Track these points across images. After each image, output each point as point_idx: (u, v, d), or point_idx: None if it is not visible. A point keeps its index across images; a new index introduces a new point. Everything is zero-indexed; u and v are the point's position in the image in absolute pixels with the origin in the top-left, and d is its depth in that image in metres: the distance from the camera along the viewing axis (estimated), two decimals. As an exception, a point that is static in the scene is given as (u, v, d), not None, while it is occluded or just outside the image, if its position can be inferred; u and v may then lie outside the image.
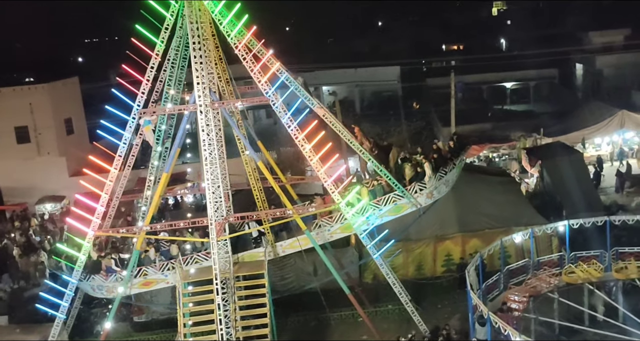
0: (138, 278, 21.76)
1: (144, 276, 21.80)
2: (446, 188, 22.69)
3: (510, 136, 39.01)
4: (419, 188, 21.87)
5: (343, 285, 21.90)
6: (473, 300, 18.30)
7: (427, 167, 21.96)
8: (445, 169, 22.47)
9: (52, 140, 38.46)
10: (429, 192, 21.96)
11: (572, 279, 20.81)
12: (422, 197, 21.99)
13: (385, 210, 21.74)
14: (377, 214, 21.74)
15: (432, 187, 22.04)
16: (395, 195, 21.82)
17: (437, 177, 22.12)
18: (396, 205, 21.83)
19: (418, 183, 21.89)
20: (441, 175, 22.26)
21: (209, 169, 19.87)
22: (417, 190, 21.87)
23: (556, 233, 23.82)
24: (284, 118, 20.34)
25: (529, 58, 54.78)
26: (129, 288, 21.76)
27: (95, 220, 20.99)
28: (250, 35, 20.46)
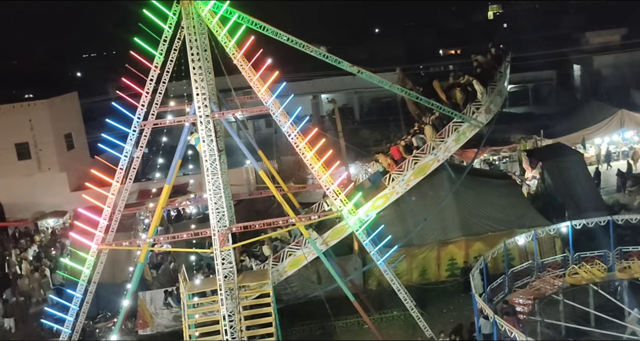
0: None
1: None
2: (501, 99, 22.55)
3: (511, 138, 39.00)
4: (475, 107, 21.80)
5: (348, 292, 21.87)
6: (478, 303, 18.26)
7: (476, 85, 21.87)
8: (495, 80, 22.20)
9: (53, 156, 38.48)
10: (487, 108, 21.91)
11: (575, 280, 20.77)
12: (481, 115, 22.01)
13: (450, 139, 21.80)
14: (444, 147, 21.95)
15: (488, 101, 21.97)
16: (454, 123, 21.83)
17: (488, 90, 21.90)
18: (459, 132, 21.98)
19: (473, 103, 21.77)
20: (492, 86, 22.05)
21: (210, 180, 19.90)
22: (474, 110, 21.80)
23: (559, 234, 23.80)
24: (284, 127, 20.38)
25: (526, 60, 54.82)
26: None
27: (98, 234, 21.00)
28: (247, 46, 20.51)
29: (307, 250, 21.97)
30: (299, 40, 20.79)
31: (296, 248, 22.17)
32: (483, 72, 22.62)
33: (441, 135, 22.17)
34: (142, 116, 20.86)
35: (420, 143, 22.63)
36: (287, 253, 22.23)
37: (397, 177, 22.10)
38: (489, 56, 24.16)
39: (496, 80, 22.45)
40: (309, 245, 21.81)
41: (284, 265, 22.19)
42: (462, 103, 22.25)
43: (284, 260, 22.21)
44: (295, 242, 22.42)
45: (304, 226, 21.39)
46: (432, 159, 22.15)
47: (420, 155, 22.24)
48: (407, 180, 22.06)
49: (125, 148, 21.01)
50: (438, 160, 22.32)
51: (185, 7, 19.61)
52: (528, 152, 35.48)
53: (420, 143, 22.65)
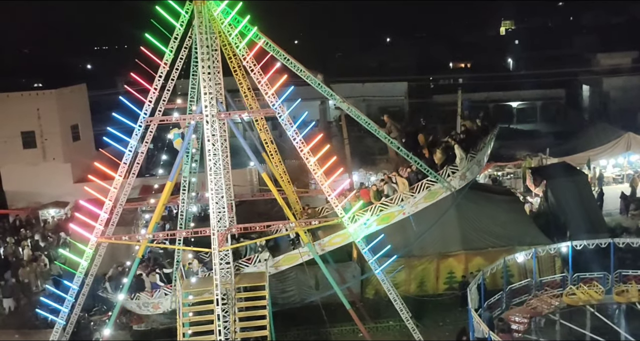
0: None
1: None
2: (479, 168, 22.48)
3: (516, 155, 38.94)
4: (452, 171, 21.72)
5: (344, 299, 21.79)
6: (474, 318, 18.17)
7: (457, 149, 21.76)
8: (475, 149, 22.23)
9: (58, 146, 38.53)
10: (462, 174, 21.79)
11: (573, 301, 20.64)
12: (455, 180, 21.86)
13: (419, 196, 21.59)
14: (412, 202, 21.63)
15: (465, 168, 21.90)
16: (428, 180, 21.70)
17: (468, 158, 21.91)
18: (430, 190, 21.74)
19: (450, 166, 21.72)
20: (472, 155, 22.05)
21: (213, 179, 19.87)
22: (450, 173, 21.72)
23: (559, 253, 23.68)
24: (290, 130, 20.36)
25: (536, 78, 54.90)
26: (174, 302, 21.80)
27: (98, 227, 20.99)
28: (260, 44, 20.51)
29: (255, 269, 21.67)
30: (298, 64, 20.94)
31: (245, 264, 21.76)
32: (467, 139, 22.61)
33: (413, 189, 21.93)
34: (149, 112, 20.86)
35: (390, 192, 22.38)
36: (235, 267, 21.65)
37: (359, 219, 21.77)
38: (477, 122, 24.12)
39: (477, 149, 22.37)
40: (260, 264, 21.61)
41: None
42: (439, 164, 22.16)
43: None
44: (246, 258, 21.94)
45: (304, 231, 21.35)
46: (398, 211, 21.85)
47: (388, 204, 21.95)
48: (368, 224, 21.73)
49: (130, 143, 21.01)
50: (403, 213, 22.01)
51: (198, 6, 19.64)
52: (533, 169, 35.40)
53: (391, 192, 22.41)
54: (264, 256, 21.80)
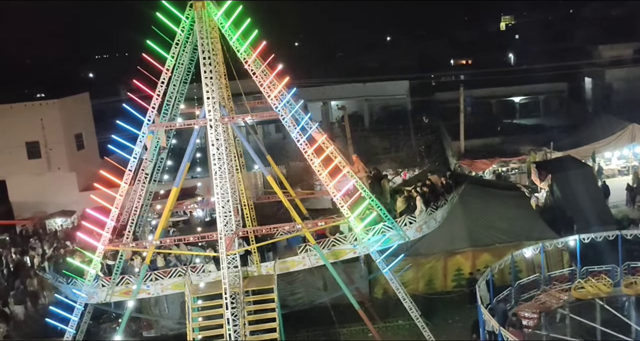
0: (120, 286, 21.63)
1: (125, 285, 21.65)
2: (436, 224, 22.18)
3: (520, 150, 38.89)
4: (409, 221, 21.58)
5: (353, 300, 21.78)
6: (484, 315, 18.15)
7: (418, 201, 21.65)
8: (437, 205, 22.10)
9: (63, 156, 38.66)
10: (419, 226, 21.63)
11: (581, 294, 20.60)
12: (411, 231, 21.64)
13: (374, 239, 21.33)
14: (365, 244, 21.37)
15: (422, 221, 21.76)
16: (384, 225, 21.52)
17: (428, 211, 21.81)
18: (384, 236, 21.51)
19: (408, 217, 21.57)
20: (432, 210, 21.92)
21: (218, 183, 19.91)
22: (407, 223, 21.57)
23: (567, 247, 23.63)
24: (293, 132, 20.39)
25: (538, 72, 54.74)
26: (109, 295, 21.64)
27: (105, 234, 21.03)
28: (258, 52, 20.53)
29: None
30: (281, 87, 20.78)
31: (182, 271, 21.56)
32: (430, 193, 22.47)
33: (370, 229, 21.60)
34: (152, 118, 20.91)
35: (346, 231, 22.27)
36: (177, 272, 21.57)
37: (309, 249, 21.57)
38: (443, 180, 23.98)
39: (439, 205, 22.28)
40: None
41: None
42: (399, 212, 22.02)
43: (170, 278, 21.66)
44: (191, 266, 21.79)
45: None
46: (350, 249, 21.66)
47: (341, 240, 21.79)
48: (318, 257, 21.55)
49: (134, 150, 21.07)
50: (354, 252, 21.86)
51: (198, 11, 19.70)
52: (537, 164, 35.36)
53: (346, 230, 22.29)
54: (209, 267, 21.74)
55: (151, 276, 21.50)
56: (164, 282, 21.57)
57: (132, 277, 21.59)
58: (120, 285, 21.62)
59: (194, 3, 19.79)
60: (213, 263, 21.73)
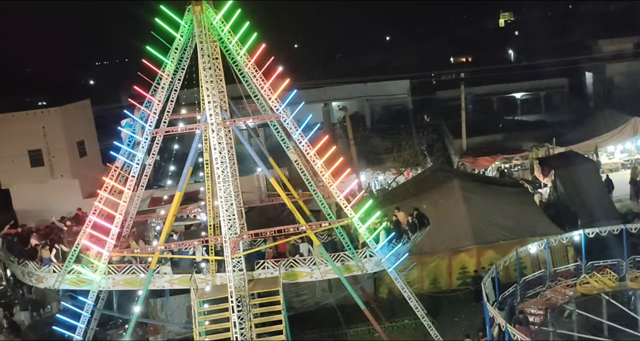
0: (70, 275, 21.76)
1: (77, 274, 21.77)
2: (395, 260, 21.77)
3: (522, 146, 38.86)
4: (370, 254, 21.45)
5: (358, 300, 21.79)
6: (490, 312, 18.14)
7: (382, 236, 21.46)
8: (399, 242, 21.93)
9: (66, 163, 38.65)
10: (377, 261, 21.45)
11: (587, 289, 20.56)
12: (369, 264, 21.51)
13: (333, 266, 21.22)
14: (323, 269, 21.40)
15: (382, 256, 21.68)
16: (345, 254, 21.51)
17: (389, 247, 21.60)
18: (344, 264, 21.47)
19: (369, 250, 21.43)
20: (393, 246, 21.72)
21: (222, 187, 19.94)
22: (367, 255, 21.44)
23: (572, 243, 23.64)
24: (295, 134, 20.41)
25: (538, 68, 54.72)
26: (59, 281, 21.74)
27: (110, 241, 21.08)
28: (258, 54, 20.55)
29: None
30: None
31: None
32: (394, 229, 22.15)
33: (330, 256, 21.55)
34: (154, 124, 20.96)
35: (305, 253, 22.22)
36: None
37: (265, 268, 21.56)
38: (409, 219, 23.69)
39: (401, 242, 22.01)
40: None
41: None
42: (361, 243, 21.87)
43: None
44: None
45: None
46: (307, 273, 21.60)
47: (299, 262, 21.65)
48: (325, 270, 21.47)
49: (136, 156, 21.11)
50: (311, 276, 21.77)
51: (197, 15, 19.74)
52: (540, 160, 35.33)
53: (306, 252, 22.24)
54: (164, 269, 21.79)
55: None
56: (117, 277, 21.67)
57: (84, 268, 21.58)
58: (71, 274, 21.72)
59: (193, 7, 19.83)
60: (169, 265, 21.77)
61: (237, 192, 21.42)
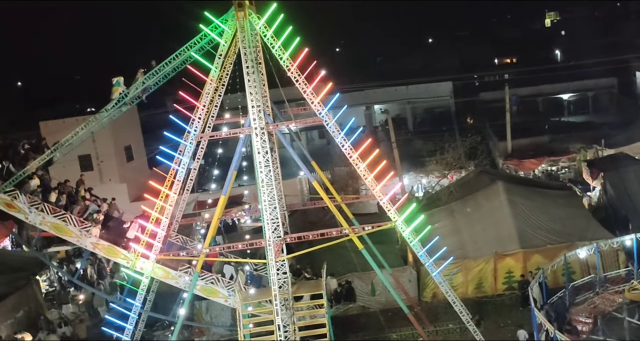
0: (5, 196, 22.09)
1: (12, 198, 22.12)
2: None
3: (570, 148, 38.04)
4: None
5: (402, 304, 21.65)
6: (538, 318, 17.79)
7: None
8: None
9: (114, 167, 39.63)
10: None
11: (636, 296, 19.92)
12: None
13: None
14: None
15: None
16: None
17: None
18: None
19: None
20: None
21: (265, 191, 20.09)
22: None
23: (623, 247, 22.97)
24: (338, 137, 20.43)
25: (586, 68, 53.49)
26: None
27: (156, 244, 21.46)
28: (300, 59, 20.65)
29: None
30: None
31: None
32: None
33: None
34: (199, 129, 21.28)
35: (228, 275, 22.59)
36: None
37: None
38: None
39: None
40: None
41: None
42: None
43: None
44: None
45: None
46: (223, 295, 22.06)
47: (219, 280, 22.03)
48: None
49: (182, 160, 21.46)
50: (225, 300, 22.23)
51: (241, 21, 19.97)
52: (588, 162, 34.49)
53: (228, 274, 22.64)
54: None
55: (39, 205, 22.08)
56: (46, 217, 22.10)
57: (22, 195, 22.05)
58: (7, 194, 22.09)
59: (236, 13, 20.08)
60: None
61: (280, 196, 21.57)
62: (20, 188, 22.39)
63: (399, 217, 20.73)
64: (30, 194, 22.48)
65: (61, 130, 38.86)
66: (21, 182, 22.44)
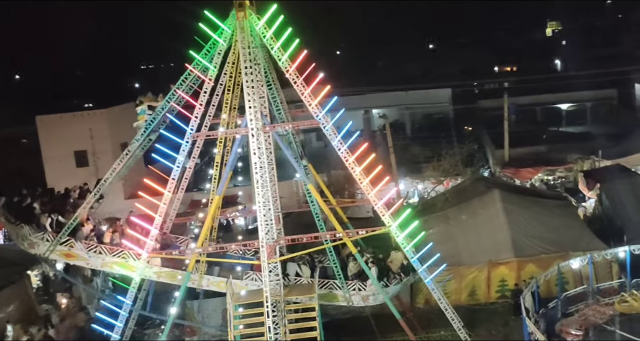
0: (62, 246, 22.00)
1: (69, 247, 22.03)
2: (383, 299, 21.71)
3: (567, 158, 38.04)
4: (359, 288, 21.45)
5: (394, 309, 21.59)
6: (529, 327, 17.73)
7: (372, 271, 21.39)
8: (390, 282, 21.84)
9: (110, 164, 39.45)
10: (365, 296, 21.38)
11: (625, 308, 19.85)
12: (357, 297, 21.54)
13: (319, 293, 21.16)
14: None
15: (371, 292, 21.52)
16: (334, 282, 21.49)
17: (380, 284, 21.51)
18: (331, 292, 21.51)
19: (359, 283, 21.43)
20: (384, 285, 21.65)
21: (260, 192, 20.02)
22: (357, 288, 21.47)
23: (616, 259, 22.93)
24: (334, 141, 20.38)
25: (585, 78, 53.53)
26: (49, 251, 21.99)
27: (149, 242, 21.37)
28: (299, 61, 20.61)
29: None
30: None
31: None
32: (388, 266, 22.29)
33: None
34: (195, 127, 21.22)
35: (353, 269, 22.16)
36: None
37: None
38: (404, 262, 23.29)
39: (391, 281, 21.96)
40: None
41: None
42: (350, 275, 21.91)
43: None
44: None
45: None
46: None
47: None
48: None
49: (177, 159, 21.39)
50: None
51: (240, 21, 19.93)
52: (585, 172, 34.49)
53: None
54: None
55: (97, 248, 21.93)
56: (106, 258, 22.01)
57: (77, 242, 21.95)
58: (63, 245, 22.01)
59: (236, 13, 20.03)
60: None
61: (275, 197, 21.51)
62: (74, 236, 22.26)
63: (394, 222, 20.67)
64: (85, 240, 22.40)
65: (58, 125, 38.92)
66: (74, 230, 22.33)
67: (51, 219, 22.36)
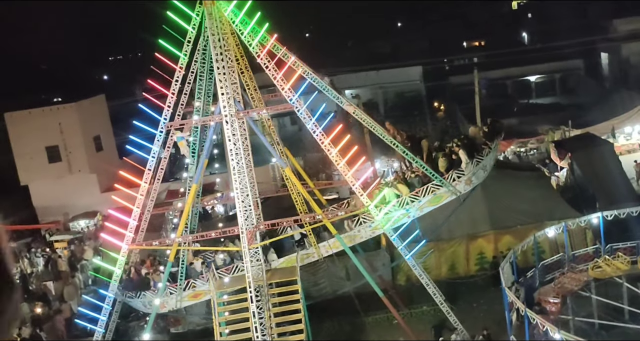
0: (187, 291, 22.15)
1: (192, 289, 22.16)
2: (484, 173, 22.50)
3: (538, 130, 38.54)
4: (457, 175, 21.80)
5: (376, 288, 21.87)
6: (509, 297, 18.11)
7: (462, 154, 21.88)
8: (482, 154, 22.30)
9: (83, 158, 39.06)
10: (468, 179, 21.85)
11: (599, 274, 20.34)
12: (460, 184, 21.90)
13: (424, 200, 21.60)
14: (417, 206, 21.63)
15: (470, 173, 21.95)
16: (433, 185, 21.73)
17: (474, 162, 21.96)
18: (435, 194, 21.75)
19: (455, 171, 21.77)
20: (478, 160, 22.12)
21: (237, 178, 20.03)
22: (455, 177, 21.77)
23: (590, 226, 23.44)
24: (309, 124, 20.42)
25: (552, 50, 54.12)
26: (179, 301, 22.12)
27: (128, 234, 21.30)
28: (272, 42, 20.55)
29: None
30: (304, 66, 21.14)
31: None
32: (470, 144, 22.49)
33: (417, 193, 21.72)
34: (168, 117, 21.08)
35: (444, 164, 22.36)
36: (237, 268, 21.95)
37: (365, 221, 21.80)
38: (484, 129, 24.05)
39: (484, 154, 22.29)
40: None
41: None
42: (444, 170, 22.05)
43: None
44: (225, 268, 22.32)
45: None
46: (404, 214, 21.76)
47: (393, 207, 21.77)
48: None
49: (152, 149, 21.26)
50: (408, 216, 21.91)
51: (208, 7, 19.76)
52: (556, 143, 35.00)
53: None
54: (272, 257, 22.05)
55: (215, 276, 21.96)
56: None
57: (197, 280, 22.09)
58: (187, 289, 22.12)
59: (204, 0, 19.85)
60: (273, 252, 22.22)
61: (252, 183, 21.55)
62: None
63: (371, 201, 20.86)
64: None
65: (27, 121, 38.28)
66: None
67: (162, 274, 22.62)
